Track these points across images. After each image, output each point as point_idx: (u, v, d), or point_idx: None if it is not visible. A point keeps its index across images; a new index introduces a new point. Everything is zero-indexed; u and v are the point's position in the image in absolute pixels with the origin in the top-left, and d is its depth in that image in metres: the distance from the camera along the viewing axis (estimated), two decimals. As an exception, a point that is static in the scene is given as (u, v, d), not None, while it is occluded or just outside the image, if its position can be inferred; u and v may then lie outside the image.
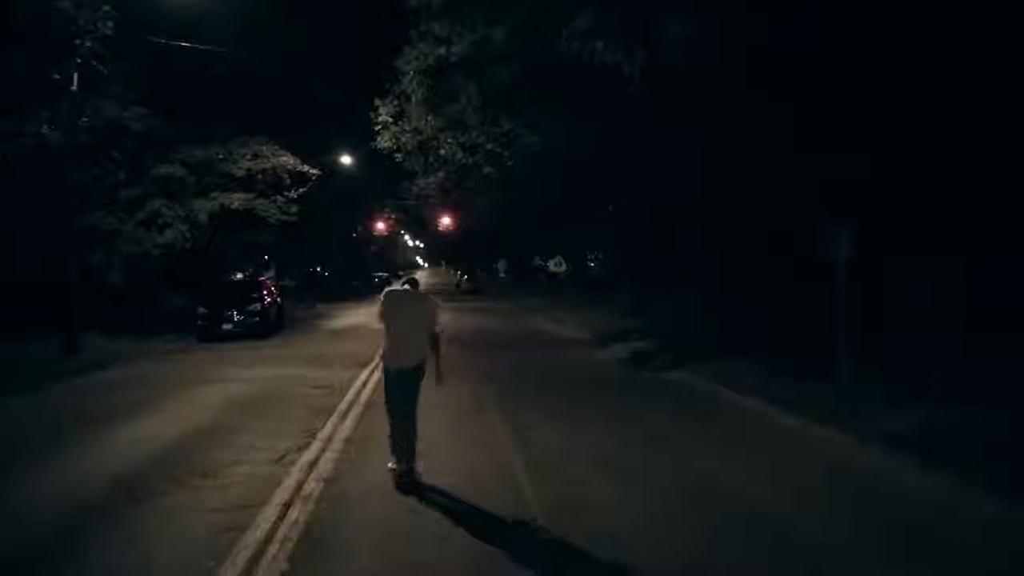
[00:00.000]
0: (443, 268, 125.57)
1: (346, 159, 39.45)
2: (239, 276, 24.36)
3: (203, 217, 19.56)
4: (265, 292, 21.65)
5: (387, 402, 6.69)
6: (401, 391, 6.57)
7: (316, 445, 7.95)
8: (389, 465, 6.58)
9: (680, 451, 7.71)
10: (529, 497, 6.07)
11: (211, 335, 19.93)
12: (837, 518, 5.61)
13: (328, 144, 37.05)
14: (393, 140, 15.86)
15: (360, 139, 38.57)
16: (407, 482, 6.32)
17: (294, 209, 21.77)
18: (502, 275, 60.27)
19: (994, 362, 9.89)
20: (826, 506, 5.92)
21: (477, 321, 26.17)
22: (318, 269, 54.40)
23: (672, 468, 7.02)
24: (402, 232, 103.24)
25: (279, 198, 21.54)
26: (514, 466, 7.06)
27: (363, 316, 29.05)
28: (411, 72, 13.87)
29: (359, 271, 59.06)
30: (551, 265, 31.46)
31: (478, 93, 13.42)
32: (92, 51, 15.17)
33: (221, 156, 20.30)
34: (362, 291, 51.54)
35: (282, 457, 7.46)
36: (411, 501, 6.01)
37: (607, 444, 7.96)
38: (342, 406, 10.02)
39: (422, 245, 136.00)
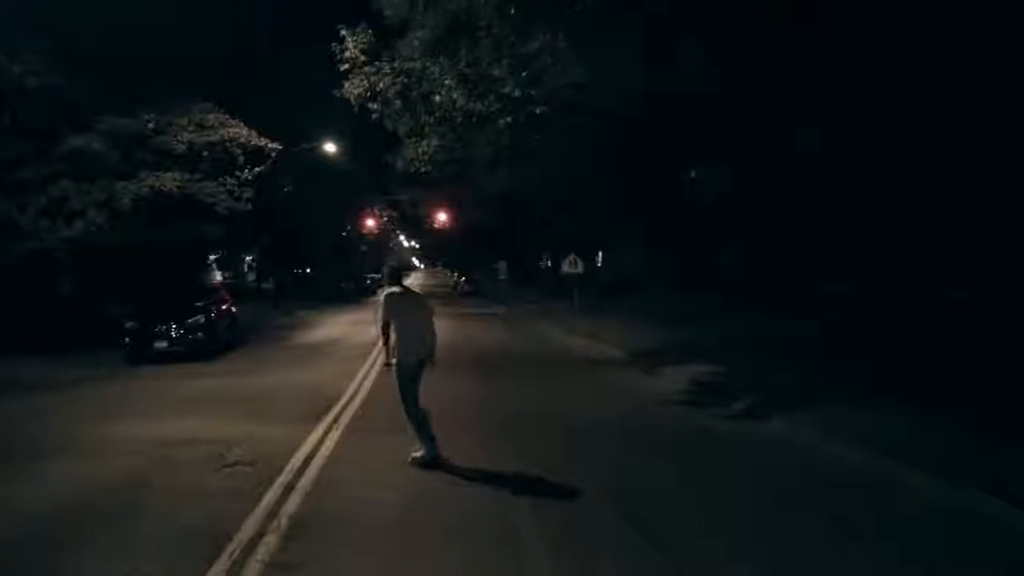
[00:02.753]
0: (440, 269, 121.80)
1: (330, 147, 34.93)
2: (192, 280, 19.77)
3: (126, 203, 15.03)
4: (212, 300, 17.15)
5: (408, 393, 7.14)
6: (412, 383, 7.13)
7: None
8: (413, 454, 7.02)
9: None
10: None
11: (141, 356, 15.44)
12: None
13: (307, 130, 32.69)
14: (366, 84, 11.29)
15: (346, 124, 34.40)
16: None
17: (248, 194, 17.17)
18: (502, 277, 56.05)
19: None
20: None
21: (479, 333, 21.64)
22: (307, 270, 50.03)
23: None
24: (397, 232, 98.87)
25: (229, 180, 16.97)
26: None
27: (345, 326, 24.62)
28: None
29: (349, 272, 54.63)
30: (565, 265, 27.13)
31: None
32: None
33: (152, 124, 15.73)
34: (351, 295, 47.13)
35: None
36: None
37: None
38: (251, 522, 5.51)
39: (418, 246, 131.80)
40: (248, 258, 50.33)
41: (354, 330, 22.84)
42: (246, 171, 17.04)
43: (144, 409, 10.25)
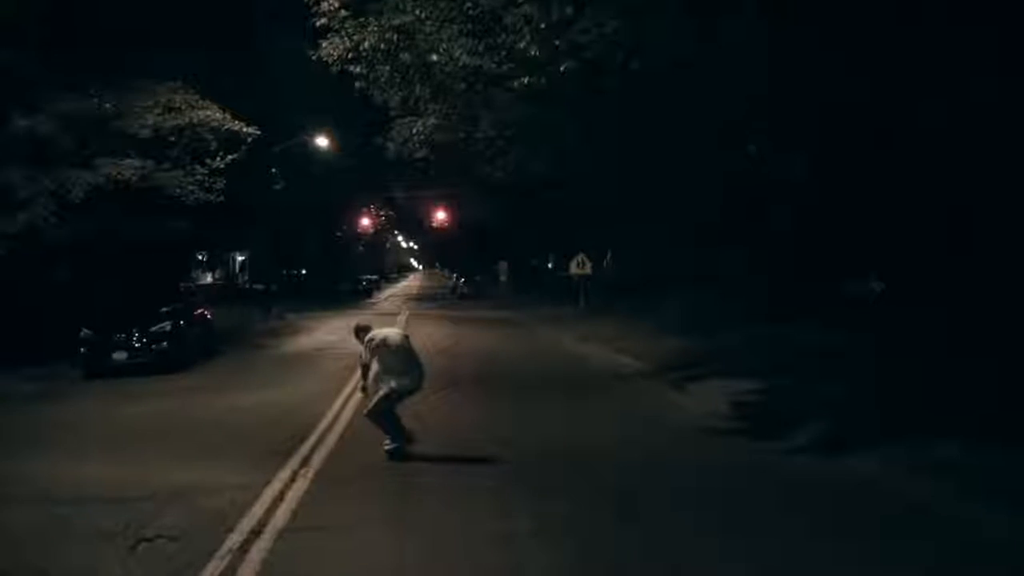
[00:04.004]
0: (438, 270, 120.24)
1: (322, 141, 33.04)
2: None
3: (77, 194, 13.07)
4: (182, 305, 15.22)
5: (388, 404, 7.39)
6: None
7: None
8: (386, 445, 7.29)
9: None
10: None
11: (99, 368, 13.54)
12: None
13: (290, 115, 30.78)
14: (347, 43, 9.24)
15: (334, 110, 32.44)
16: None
17: (220, 184, 15.15)
18: (503, 278, 54.17)
19: None
20: None
21: (482, 341, 19.69)
22: (301, 272, 48.17)
23: None
24: (394, 232, 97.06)
25: (199, 169, 14.97)
26: None
27: (337, 332, 22.58)
28: None
29: (345, 274, 52.75)
30: (573, 265, 25.33)
31: None
32: None
33: (110, 105, 13.74)
34: (346, 297, 45.20)
35: None
36: None
37: None
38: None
39: (416, 246, 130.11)
40: (240, 258, 48.56)
41: (346, 337, 20.83)
42: (218, 159, 15.05)
43: (67, 441, 8.30)
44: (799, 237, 15.92)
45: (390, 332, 7.83)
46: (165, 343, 13.95)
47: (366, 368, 7.79)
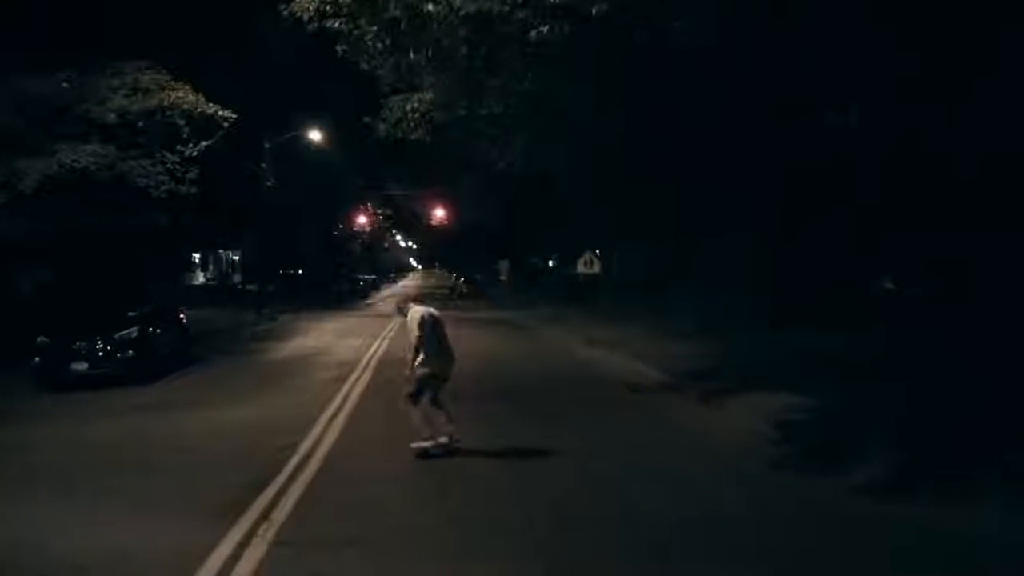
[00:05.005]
0: (437, 270, 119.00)
1: (315, 135, 31.61)
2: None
3: (29, 184, 11.60)
4: (153, 309, 13.75)
5: (431, 390, 7.40)
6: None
7: None
8: (422, 444, 7.14)
9: None
10: None
11: (56, 379, 12.05)
12: None
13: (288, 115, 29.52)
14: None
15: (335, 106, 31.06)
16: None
17: (192, 175, 13.62)
18: (504, 277, 52.84)
19: None
20: None
21: (484, 344, 18.21)
22: (298, 271, 46.77)
23: None
24: (393, 232, 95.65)
25: (170, 157, 13.44)
26: None
27: (330, 335, 21.22)
28: None
29: (342, 273, 51.35)
30: (580, 264, 23.99)
31: None
32: None
33: (68, 84, 12.23)
34: (343, 297, 43.79)
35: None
36: None
37: None
38: None
39: (415, 246, 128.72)
40: (235, 258, 47.14)
41: (339, 341, 19.50)
42: (190, 146, 13.54)
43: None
44: (835, 229, 14.46)
45: (431, 309, 7.62)
46: (131, 351, 12.48)
47: (418, 351, 7.33)
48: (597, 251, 24.53)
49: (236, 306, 29.02)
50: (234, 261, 47.74)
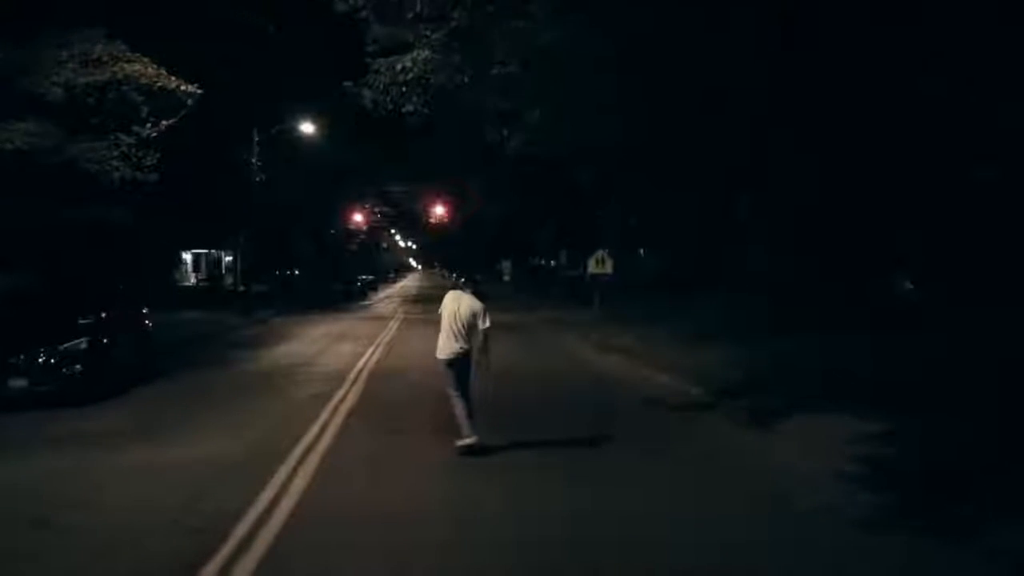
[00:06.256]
0: (437, 270, 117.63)
1: (307, 127, 29.98)
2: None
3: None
4: (109, 315, 11.93)
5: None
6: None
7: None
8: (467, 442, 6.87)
9: None
10: None
11: (-9, 398, 10.28)
12: None
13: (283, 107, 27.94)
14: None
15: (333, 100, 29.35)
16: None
17: (151, 160, 11.78)
18: (506, 278, 51.30)
19: None
20: None
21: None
22: (294, 272, 45.22)
23: None
24: (392, 231, 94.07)
25: (124, 138, 11.61)
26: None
27: (321, 341, 19.46)
28: None
29: (339, 274, 49.73)
30: (591, 264, 22.35)
31: None
32: None
33: (3, 55, 10.43)
34: (339, 298, 42.16)
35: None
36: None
37: None
38: None
39: (414, 246, 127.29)
40: (227, 259, 45.59)
41: (329, 348, 17.75)
42: (148, 126, 11.71)
43: None
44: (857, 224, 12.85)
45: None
46: (79, 366, 10.66)
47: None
48: (607, 250, 22.81)
49: (225, 309, 27.38)
50: (226, 262, 46.17)
